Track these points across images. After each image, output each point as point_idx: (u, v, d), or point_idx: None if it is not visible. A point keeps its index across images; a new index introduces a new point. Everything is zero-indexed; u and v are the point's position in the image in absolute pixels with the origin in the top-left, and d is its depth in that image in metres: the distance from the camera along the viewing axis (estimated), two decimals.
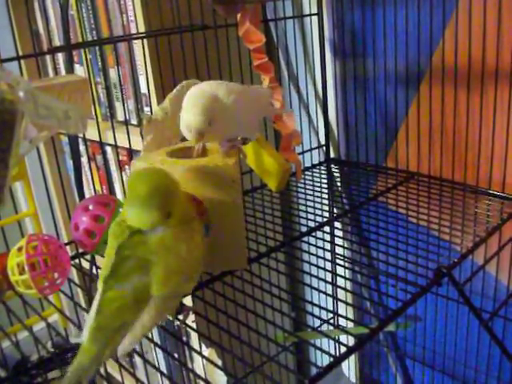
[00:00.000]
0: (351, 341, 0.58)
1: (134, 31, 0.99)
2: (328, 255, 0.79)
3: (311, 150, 1.14)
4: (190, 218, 0.58)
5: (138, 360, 1.47)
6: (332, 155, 1.16)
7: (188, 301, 0.95)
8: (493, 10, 0.83)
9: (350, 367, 1.36)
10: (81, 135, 1.03)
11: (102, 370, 0.55)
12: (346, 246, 1.10)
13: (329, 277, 0.72)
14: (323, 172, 1.08)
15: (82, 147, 1.25)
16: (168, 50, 0.86)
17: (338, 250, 1.06)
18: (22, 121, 0.53)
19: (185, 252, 0.55)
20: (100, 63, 1.13)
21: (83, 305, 1.42)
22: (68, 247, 0.76)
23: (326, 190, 0.99)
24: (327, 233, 0.85)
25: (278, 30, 1.13)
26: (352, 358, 1.34)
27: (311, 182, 1.01)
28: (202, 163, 0.65)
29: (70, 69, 1.08)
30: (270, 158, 0.83)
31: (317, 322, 0.76)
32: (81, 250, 0.80)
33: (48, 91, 0.62)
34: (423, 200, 0.89)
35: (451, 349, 1.11)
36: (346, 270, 0.79)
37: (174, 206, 0.55)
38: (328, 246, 0.83)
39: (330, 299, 1.08)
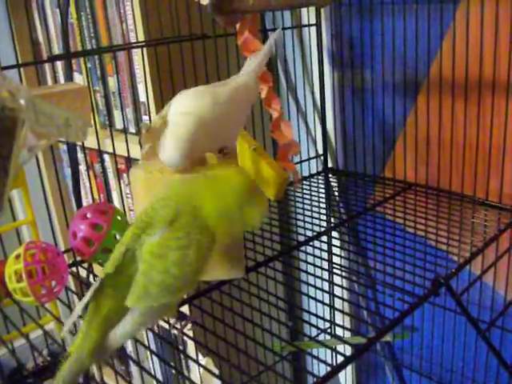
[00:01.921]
0: (348, 350, 0.58)
1: (133, 40, 0.99)
2: (325, 265, 0.79)
3: (309, 159, 1.14)
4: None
5: (134, 368, 1.46)
6: (330, 165, 1.16)
7: (185, 309, 0.94)
8: (490, 21, 0.84)
9: (346, 377, 1.35)
10: (79, 143, 1.03)
11: (98, 379, 0.55)
12: (343, 255, 1.10)
13: (326, 286, 0.72)
14: (321, 182, 1.08)
15: (80, 155, 1.25)
16: (167, 59, 0.87)
17: (336, 260, 1.05)
18: (22, 129, 0.54)
19: (174, 265, 0.51)
20: (99, 72, 1.13)
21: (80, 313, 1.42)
22: (66, 255, 0.76)
23: (323, 200, 0.99)
24: (325, 242, 0.85)
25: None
26: (349, 367, 1.33)
27: (309, 192, 1.01)
28: (199, 174, 0.65)
29: (69, 77, 1.08)
30: (268, 167, 0.83)
31: (314, 332, 0.77)
32: (78, 258, 0.79)
33: (48, 99, 0.62)
34: (420, 210, 0.90)
35: (448, 359, 1.11)
36: (344, 280, 0.79)
37: None
38: (325, 255, 0.83)
39: (327, 309, 1.08)
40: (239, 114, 0.74)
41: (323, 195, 1.02)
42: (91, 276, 0.88)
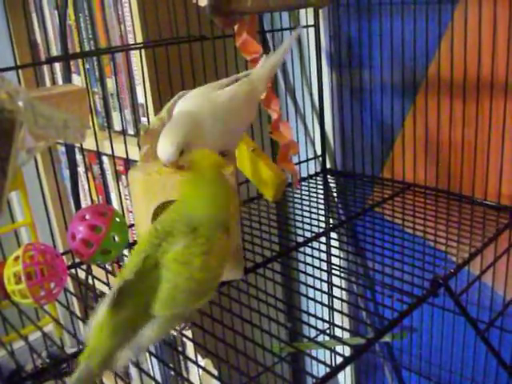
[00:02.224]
0: (347, 351, 0.58)
1: (131, 41, 0.99)
2: (324, 265, 0.79)
3: (307, 160, 1.14)
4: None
5: (133, 370, 1.46)
6: (328, 166, 1.16)
7: None
8: (488, 21, 0.84)
9: (345, 377, 1.35)
10: (78, 145, 1.03)
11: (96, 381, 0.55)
12: (342, 256, 1.10)
13: (325, 287, 0.72)
14: (319, 182, 1.08)
15: (78, 157, 1.25)
16: (165, 61, 0.87)
17: (334, 261, 1.05)
18: (21, 130, 0.54)
19: (198, 271, 0.53)
20: (97, 73, 1.13)
21: (79, 314, 1.42)
22: (64, 257, 0.76)
23: (322, 201, 0.99)
24: (323, 243, 0.85)
25: (275, 40, 1.14)
26: (348, 368, 1.33)
27: (307, 193, 1.01)
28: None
29: (67, 79, 1.08)
30: (267, 168, 0.83)
31: (313, 332, 0.77)
32: (77, 260, 0.79)
33: (46, 101, 0.62)
34: (419, 210, 0.90)
35: (447, 359, 1.11)
36: (342, 281, 0.79)
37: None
38: (324, 256, 0.83)
39: (326, 309, 1.08)
40: (241, 119, 0.74)
41: (322, 196, 1.02)
42: (90, 278, 0.88)
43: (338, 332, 1.20)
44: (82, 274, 0.94)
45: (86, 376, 0.50)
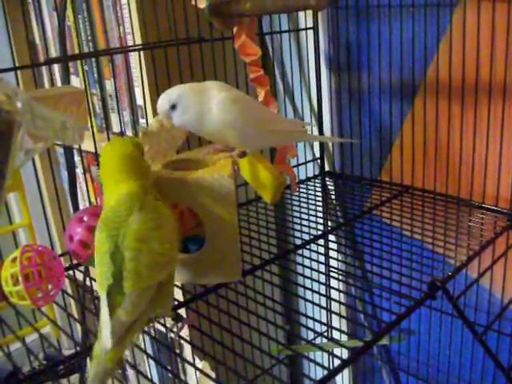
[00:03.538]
0: (345, 354, 0.58)
1: (130, 43, 0.99)
2: (322, 268, 0.79)
3: (306, 162, 1.14)
4: (158, 204, 0.59)
5: (130, 372, 1.46)
6: (327, 168, 1.16)
7: (182, 313, 0.94)
8: (486, 25, 0.84)
9: (343, 380, 1.35)
10: (76, 146, 1.03)
11: None
12: (340, 258, 1.10)
13: (323, 289, 0.72)
14: (318, 185, 1.09)
15: (76, 158, 1.25)
16: (164, 62, 0.87)
17: (332, 263, 1.06)
18: (19, 132, 0.54)
19: (157, 244, 0.56)
20: (96, 75, 1.13)
21: (76, 316, 1.42)
22: (62, 258, 0.76)
23: (320, 203, 0.99)
24: (321, 245, 0.85)
25: (274, 43, 1.14)
26: (346, 371, 1.33)
27: (306, 195, 1.01)
28: (197, 175, 0.65)
29: (66, 80, 1.08)
30: (265, 170, 0.83)
31: (311, 335, 0.76)
32: (75, 262, 0.79)
33: (44, 102, 0.62)
34: (417, 213, 0.90)
35: (445, 362, 1.11)
36: (340, 283, 0.79)
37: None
38: (322, 258, 0.83)
39: (324, 312, 1.08)
40: (261, 126, 0.74)
41: (320, 198, 1.02)
42: (87, 279, 0.88)
43: (335, 334, 1.20)
44: (79, 276, 0.93)
45: (101, 370, 0.51)
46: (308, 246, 0.81)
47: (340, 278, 0.78)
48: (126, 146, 0.61)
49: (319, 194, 1.04)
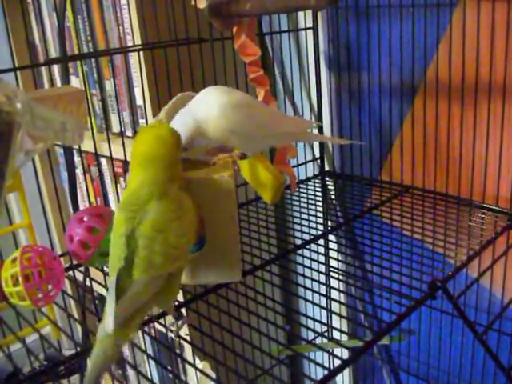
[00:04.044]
0: (345, 354, 0.58)
1: (130, 43, 0.99)
2: (322, 268, 0.79)
3: (306, 162, 1.14)
4: (181, 195, 0.59)
5: (130, 372, 1.46)
6: (327, 168, 1.16)
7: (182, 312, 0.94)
8: (486, 25, 0.84)
9: (344, 380, 1.35)
10: (76, 147, 1.03)
11: None
12: (340, 258, 1.10)
13: (323, 290, 0.72)
14: (318, 185, 1.09)
15: (76, 159, 1.25)
16: (164, 63, 0.86)
17: (333, 263, 1.06)
18: (19, 132, 0.53)
19: (173, 236, 0.56)
20: (96, 75, 1.13)
21: (76, 316, 1.42)
22: (62, 259, 0.76)
23: (320, 203, 0.99)
24: (322, 245, 0.85)
25: (274, 43, 1.14)
26: (346, 370, 1.33)
27: (306, 195, 1.01)
28: (197, 175, 0.65)
29: (65, 80, 1.08)
30: (265, 170, 0.83)
31: (311, 335, 0.77)
32: (75, 262, 0.79)
33: (44, 102, 0.62)
34: (417, 213, 0.90)
35: (445, 362, 1.11)
36: (341, 283, 0.79)
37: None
38: (322, 258, 0.83)
39: (324, 312, 1.08)
40: (261, 127, 0.74)
41: (320, 198, 1.02)
42: (88, 280, 0.88)
43: (336, 334, 1.20)
44: (79, 276, 0.93)
45: (101, 358, 0.51)
46: (308, 246, 0.81)
47: (340, 277, 0.78)
48: (162, 132, 0.61)
49: (319, 194, 1.04)
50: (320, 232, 0.86)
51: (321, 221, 0.93)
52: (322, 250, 0.84)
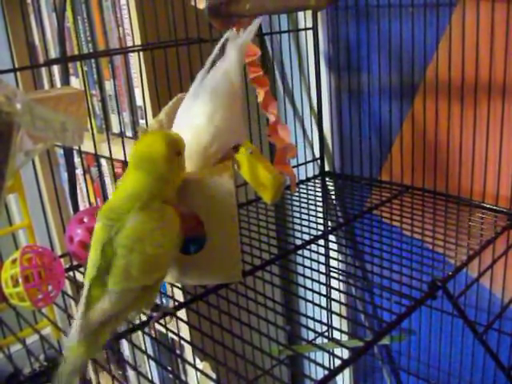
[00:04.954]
0: (346, 354, 0.58)
1: (129, 44, 0.99)
2: (322, 268, 0.79)
3: (306, 163, 1.14)
4: (163, 207, 0.58)
5: (131, 373, 1.46)
6: (327, 168, 1.16)
7: (182, 313, 0.94)
8: (486, 24, 0.84)
9: (344, 380, 1.35)
10: (76, 147, 1.03)
11: (94, 383, 0.54)
12: (340, 259, 1.10)
13: (323, 290, 0.72)
14: (318, 185, 1.09)
15: (76, 159, 1.25)
16: (164, 63, 0.86)
17: (333, 263, 1.06)
18: (19, 133, 0.53)
19: (150, 246, 0.55)
20: (96, 75, 1.13)
21: None
22: (62, 259, 0.76)
23: (320, 203, 0.99)
24: (322, 246, 0.85)
25: (274, 43, 1.14)
26: (346, 371, 1.33)
27: (306, 195, 1.01)
28: (197, 175, 0.65)
29: (65, 81, 1.08)
30: (265, 170, 0.83)
31: (311, 335, 0.77)
32: (75, 263, 0.79)
33: (44, 103, 0.62)
34: (417, 213, 0.90)
35: (446, 362, 1.11)
36: (341, 283, 0.79)
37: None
38: (322, 258, 0.83)
39: (324, 312, 1.08)
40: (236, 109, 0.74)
41: (320, 198, 1.02)
42: None
43: (336, 334, 1.20)
44: (79, 277, 0.93)
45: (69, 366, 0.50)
46: (308, 247, 0.81)
47: (340, 278, 0.78)
48: (158, 144, 0.60)
49: (319, 194, 1.04)
50: (320, 232, 0.86)
51: (321, 221, 0.92)
52: (322, 250, 0.84)
